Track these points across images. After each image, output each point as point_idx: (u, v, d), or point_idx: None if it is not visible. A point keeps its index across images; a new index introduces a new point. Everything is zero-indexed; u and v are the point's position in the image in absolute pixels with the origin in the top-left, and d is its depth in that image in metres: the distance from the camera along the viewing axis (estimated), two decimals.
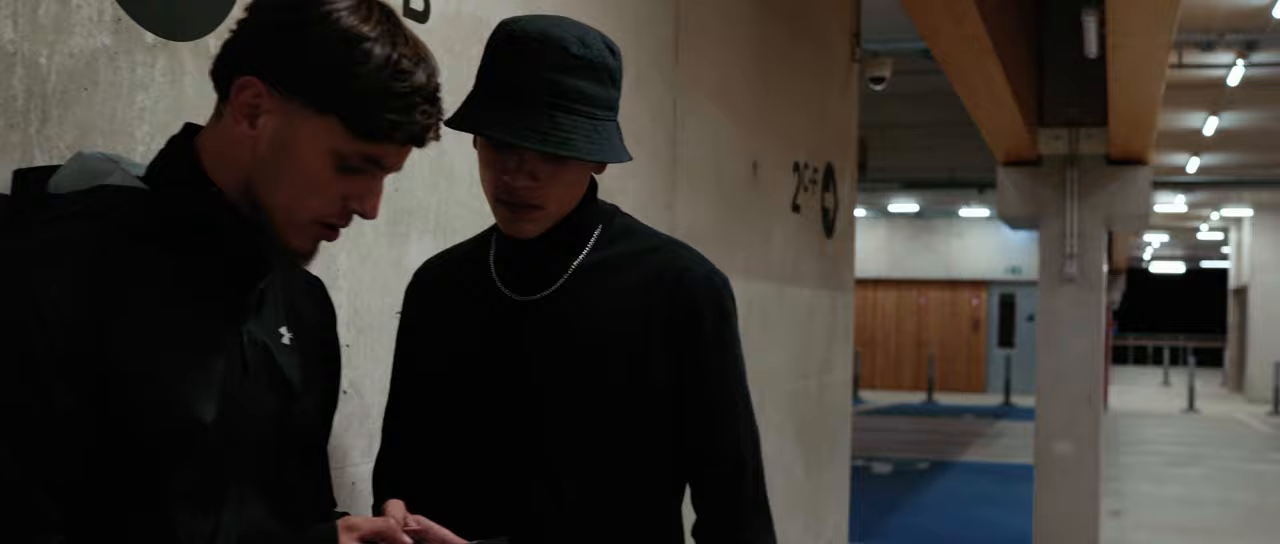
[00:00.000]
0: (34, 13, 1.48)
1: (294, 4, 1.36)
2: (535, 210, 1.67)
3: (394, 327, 2.22)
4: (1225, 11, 10.23)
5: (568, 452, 1.72)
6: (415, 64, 1.38)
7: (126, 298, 1.30)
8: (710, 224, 3.90)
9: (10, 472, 1.21)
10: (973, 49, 5.29)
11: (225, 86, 1.37)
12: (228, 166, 1.38)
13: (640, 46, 3.30)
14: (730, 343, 1.80)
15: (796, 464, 5.08)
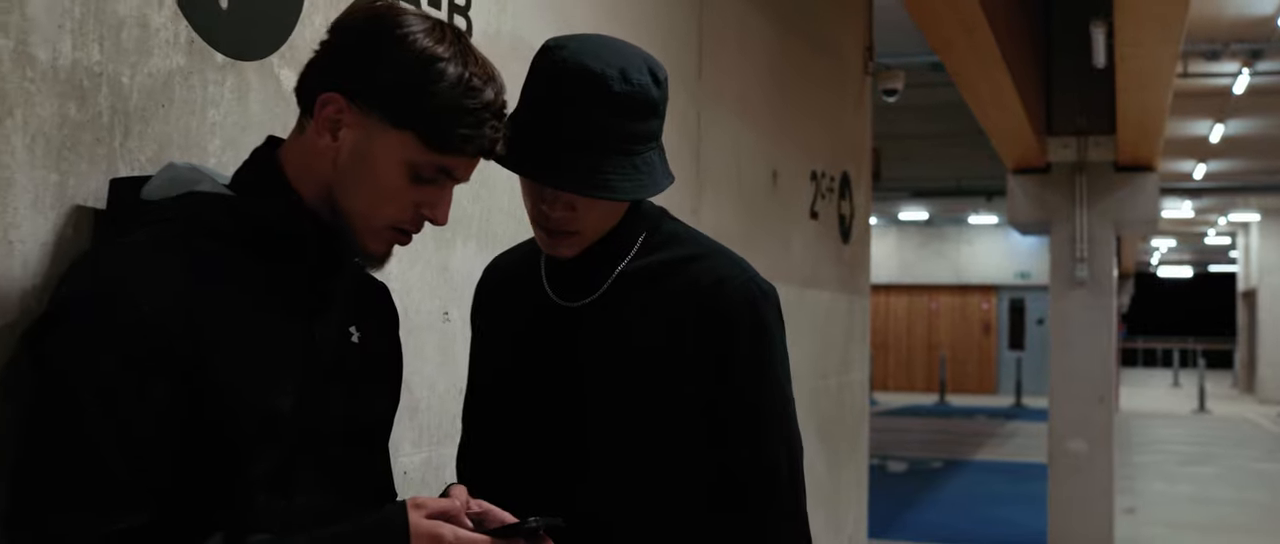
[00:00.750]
0: (118, 36, 1.58)
1: (373, 26, 1.47)
2: (572, 236, 1.72)
3: (441, 327, 2.33)
4: (1229, 21, 10.31)
5: (608, 452, 1.78)
6: (485, 82, 1.48)
7: (215, 296, 1.40)
8: (733, 230, 3.99)
9: (107, 453, 1.31)
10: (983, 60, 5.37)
11: (309, 102, 1.48)
12: (309, 176, 1.48)
13: (665, 62, 3.38)
14: (767, 350, 1.80)
15: (818, 461, 5.17)
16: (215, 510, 1.39)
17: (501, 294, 1.91)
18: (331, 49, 1.48)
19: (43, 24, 1.47)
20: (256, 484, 1.42)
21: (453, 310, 2.38)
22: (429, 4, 2.30)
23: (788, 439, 1.83)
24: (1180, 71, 12.14)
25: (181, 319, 1.36)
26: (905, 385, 27.80)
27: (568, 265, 1.79)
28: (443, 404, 2.35)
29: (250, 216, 1.46)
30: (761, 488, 1.80)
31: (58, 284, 1.43)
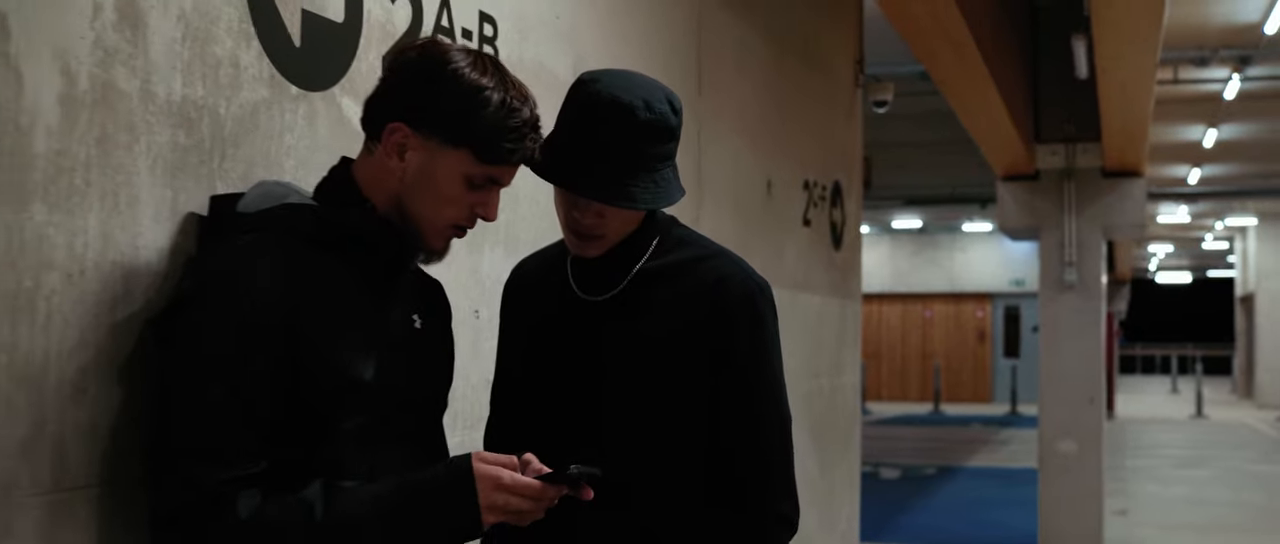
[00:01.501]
0: (216, 74, 1.89)
1: (427, 63, 1.77)
2: (599, 239, 2.02)
3: (473, 323, 2.63)
4: (1217, 28, 10.59)
5: (623, 423, 2.06)
6: (522, 103, 1.79)
7: (307, 287, 1.70)
8: (730, 237, 4.29)
9: (230, 412, 1.61)
10: (969, 71, 5.64)
11: (376, 130, 1.78)
12: (380, 189, 1.79)
13: (669, 82, 3.68)
14: (763, 339, 2.06)
15: (810, 460, 5.45)
16: (314, 461, 1.69)
17: (530, 291, 2.20)
18: (391, 85, 1.79)
19: (161, 66, 1.77)
20: (345, 440, 1.72)
21: (482, 309, 2.69)
22: (463, 36, 2.60)
23: (780, 415, 2.12)
24: (1170, 77, 12.42)
25: (282, 306, 1.66)
26: (899, 395, 27.85)
27: (591, 264, 2.09)
28: (475, 393, 2.64)
29: (334, 223, 1.77)
30: (757, 456, 2.08)
31: (179, 279, 1.74)
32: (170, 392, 1.62)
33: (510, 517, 1.72)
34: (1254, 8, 9.93)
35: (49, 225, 1.60)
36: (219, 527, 1.59)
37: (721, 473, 2.08)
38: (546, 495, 1.73)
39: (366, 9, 2.26)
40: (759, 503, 2.09)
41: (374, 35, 2.28)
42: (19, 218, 1.55)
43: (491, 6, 2.72)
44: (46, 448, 1.59)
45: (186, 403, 1.61)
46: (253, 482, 1.62)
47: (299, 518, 1.63)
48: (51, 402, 1.60)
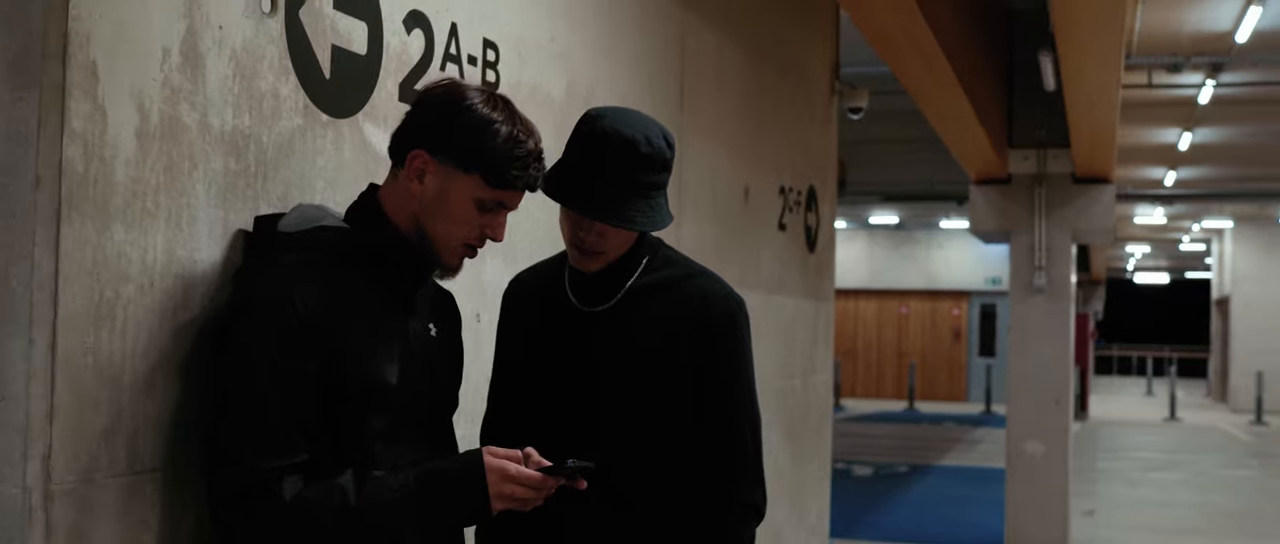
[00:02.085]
0: (260, 106, 2.15)
1: (447, 99, 2.03)
2: (600, 256, 2.32)
3: (475, 327, 2.89)
4: (1190, 36, 10.89)
5: (615, 422, 2.35)
6: (527, 135, 2.06)
7: (341, 303, 1.96)
8: (708, 241, 4.56)
9: (279, 412, 1.87)
10: (939, 82, 5.90)
11: (401, 157, 2.04)
12: (402, 210, 2.05)
13: (653, 96, 3.98)
14: (737, 349, 2.39)
15: (783, 456, 5.72)
16: (347, 454, 1.96)
17: (529, 300, 2.48)
18: (415, 118, 2.05)
19: (216, 101, 2.03)
20: (374, 436, 1.99)
21: (483, 314, 2.95)
22: (469, 62, 2.86)
23: (751, 416, 2.43)
24: (1145, 82, 12.71)
25: (320, 321, 1.92)
26: (874, 392, 27.93)
27: (587, 279, 2.37)
28: (477, 392, 2.88)
29: (364, 245, 2.03)
30: (731, 453, 2.39)
31: (232, 292, 2.00)
32: (226, 391, 1.89)
33: (515, 504, 1.99)
34: (1225, 17, 10.23)
35: (126, 243, 1.85)
36: (267, 505, 1.86)
37: (700, 466, 2.38)
38: (547, 485, 2.00)
39: (386, 41, 2.52)
40: (731, 493, 2.38)
41: (392, 65, 2.54)
42: (102, 237, 1.81)
43: (494, 34, 2.97)
44: (122, 437, 1.85)
45: (241, 401, 1.87)
46: (296, 469, 1.89)
47: (334, 500, 1.89)
48: (127, 397, 1.86)
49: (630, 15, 3.83)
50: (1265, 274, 26.65)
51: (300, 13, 2.24)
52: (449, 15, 2.75)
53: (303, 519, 1.88)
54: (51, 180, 1.74)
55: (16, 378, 1.73)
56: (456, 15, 2.77)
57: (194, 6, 1.99)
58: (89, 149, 1.79)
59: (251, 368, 1.88)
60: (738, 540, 2.39)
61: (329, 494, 1.90)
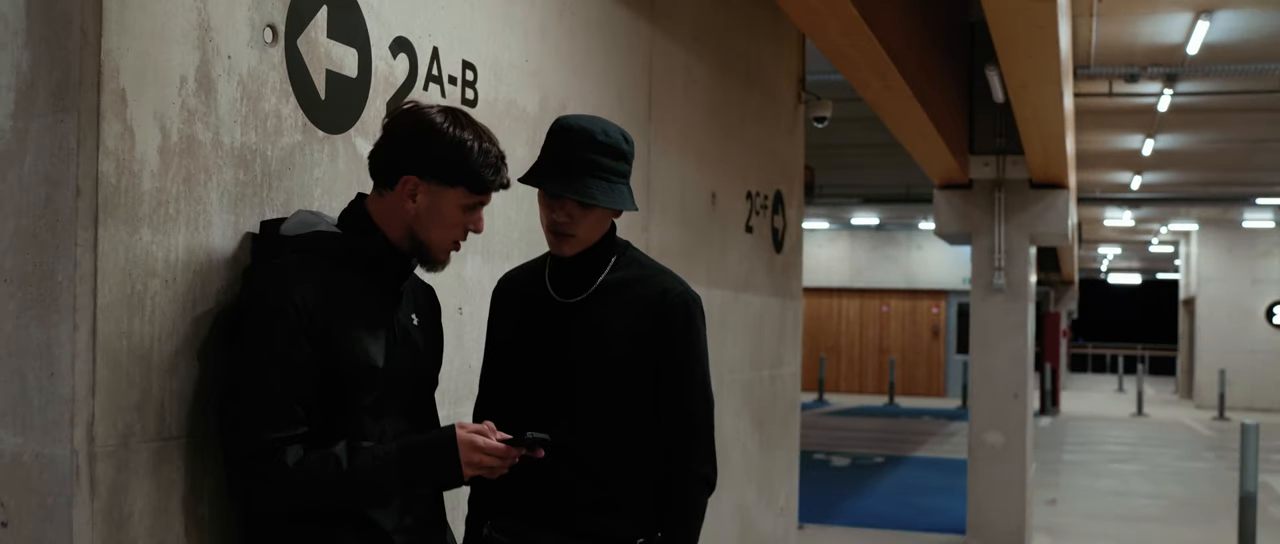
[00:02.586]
0: (265, 124, 2.46)
1: (419, 128, 2.33)
2: (571, 237, 2.65)
3: (457, 318, 3.21)
4: (1145, 48, 11.26)
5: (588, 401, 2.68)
6: (491, 143, 2.38)
7: (336, 298, 2.28)
8: (677, 243, 4.88)
9: (282, 391, 2.19)
10: (897, 97, 6.21)
11: (391, 180, 2.34)
12: (394, 222, 2.36)
13: (622, 109, 4.30)
14: (693, 340, 2.72)
15: (752, 442, 6.06)
16: (339, 428, 2.27)
17: (515, 293, 2.82)
18: (391, 142, 2.35)
19: (227, 120, 2.34)
20: (363, 412, 2.31)
21: (464, 307, 3.26)
22: (449, 82, 3.17)
23: (704, 398, 2.77)
24: (1105, 91, 13.11)
25: (318, 314, 2.24)
26: (856, 388, 28.52)
27: (565, 274, 2.71)
28: (458, 376, 3.22)
29: (355, 247, 2.35)
30: (686, 430, 2.73)
31: (242, 288, 2.31)
32: (239, 374, 2.21)
33: (483, 471, 2.32)
34: (1176, 30, 10.61)
35: (152, 244, 2.17)
36: (273, 470, 2.18)
37: (659, 440, 2.72)
38: (510, 455, 2.33)
39: (374, 65, 2.83)
40: (686, 464, 2.72)
41: (380, 86, 2.86)
42: (132, 239, 2.12)
43: (471, 56, 3.29)
44: (152, 408, 2.17)
45: (251, 383, 2.19)
46: (297, 439, 2.21)
47: (330, 467, 2.21)
48: (155, 375, 2.17)
49: (600, 35, 4.15)
50: (1228, 276, 27.17)
51: (298, 42, 2.55)
52: (431, 40, 3.06)
53: (303, 481, 2.20)
54: (89, 190, 2.05)
55: (63, 357, 2.04)
56: (438, 40, 3.09)
57: (206, 39, 2.30)
58: (120, 163, 2.10)
59: (259, 355, 2.19)
60: (693, 507, 2.72)
61: (325, 461, 2.22)
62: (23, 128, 2.07)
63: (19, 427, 2.07)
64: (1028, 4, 4.54)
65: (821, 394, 26.26)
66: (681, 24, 4.91)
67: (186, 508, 2.27)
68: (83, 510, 2.05)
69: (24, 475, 2.07)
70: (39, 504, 2.06)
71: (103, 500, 2.08)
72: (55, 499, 2.05)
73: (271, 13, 2.47)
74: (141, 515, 2.16)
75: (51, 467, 2.05)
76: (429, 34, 3.06)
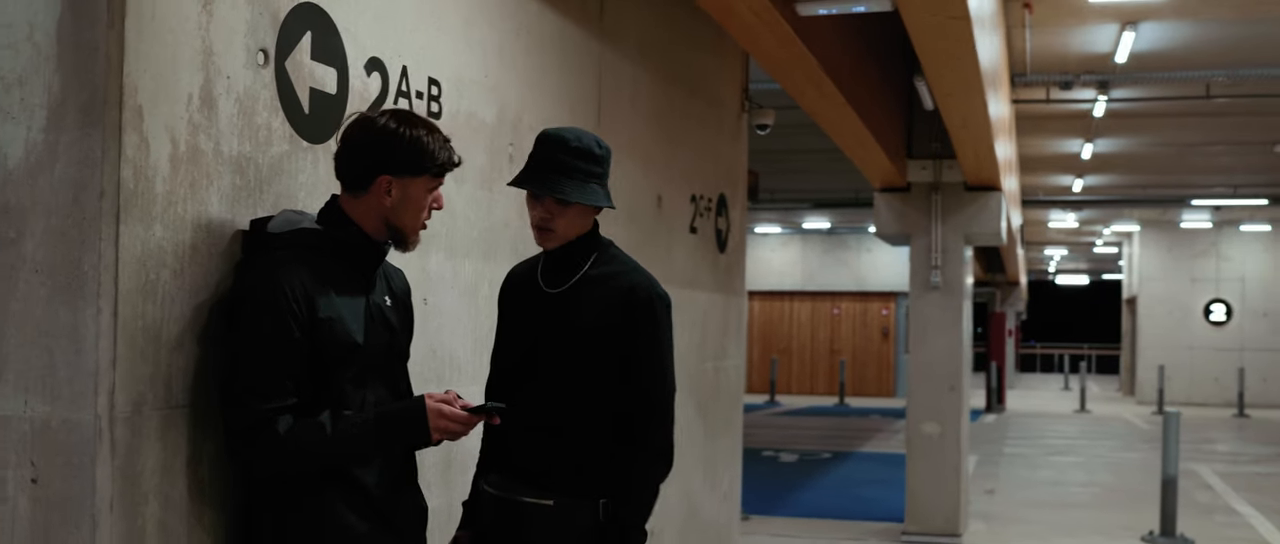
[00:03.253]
0: (257, 135, 2.81)
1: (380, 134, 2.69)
2: (551, 232, 3.05)
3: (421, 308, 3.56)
4: (1077, 56, 11.76)
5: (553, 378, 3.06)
6: (435, 130, 2.75)
7: (319, 283, 2.64)
8: (625, 243, 5.21)
9: (274, 369, 2.54)
10: (832, 105, 6.61)
11: (366, 182, 2.70)
12: (371, 215, 2.72)
13: (574, 119, 4.67)
14: (655, 331, 3.06)
15: (697, 429, 6.44)
16: (325, 398, 2.64)
17: (516, 285, 3.23)
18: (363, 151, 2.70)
19: (226, 133, 2.70)
20: (346, 383, 2.68)
21: (429, 298, 3.62)
22: (417, 96, 3.52)
23: (666, 384, 3.12)
24: (1043, 97, 13.63)
25: (304, 300, 2.60)
26: (808, 389, 28.97)
27: (553, 267, 3.11)
28: (423, 360, 3.57)
29: (335, 240, 2.71)
30: (644, 409, 3.08)
31: (236, 280, 2.66)
32: (236, 354, 2.56)
33: (448, 435, 2.71)
34: (1105, 40, 11.12)
35: (164, 239, 2.52)
36: (267, 437, 2.54)
37: (625, 419, 3.08)
38: (472, 421, 2.71)
39: (351, 83, 3.19)
40: (648, 440, 3.09)
41: (356, 102, 3.21)
42: (147, 235, 2.47)
43: (436, 73, 3.65)
44: (161, 380, 2.52)
45: (247, 363, 2.55)
46: (287, 410, 2.57)
47: (316, 433, 2.58)
48: (164, 351, 2.52)
49: (553, 51, 4.52)
50: (1167, 275, 27.88)
51: (286, 63, 2.91)
52: (401, 60, 3.42)
53: (293, 447, 2.56)
54: (112, 193, 2.40)
55: (88, 336, 2.39)
56: (406, 59, 3.45)
57: (209, 62, 2.65)
58: (137, 170, 2.45)
59: (254, 339, 2.56)
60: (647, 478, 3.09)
61: (311, 428, 2.58)
62: (53, 140, 2.42)
63: (48, 396, 2.41)
64: (944, 22, 4.95)
65: (773, 396, 26.71)
66: (628, 40, 5.29)
67: (190, 468, 2.62)
68: (104, 467, 2.40)
69: (52, 438, 2.41)
70: (66, 463, 2.40)
71: (121, 459, 2.43)
72: (80, 458, 2.39)
73: (264, 38, 2.83)
74: (151, 473, 2.51)
75: (77, 430, 2.39)
76: (399, 54, 3.41)
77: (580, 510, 3.04)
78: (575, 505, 3.04)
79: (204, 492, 2.67)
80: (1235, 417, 24.13)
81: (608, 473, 3.06)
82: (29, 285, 2.43)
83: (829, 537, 10.02)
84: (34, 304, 2.42)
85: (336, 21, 3.11)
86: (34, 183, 2.43)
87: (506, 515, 3.06)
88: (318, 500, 2.64)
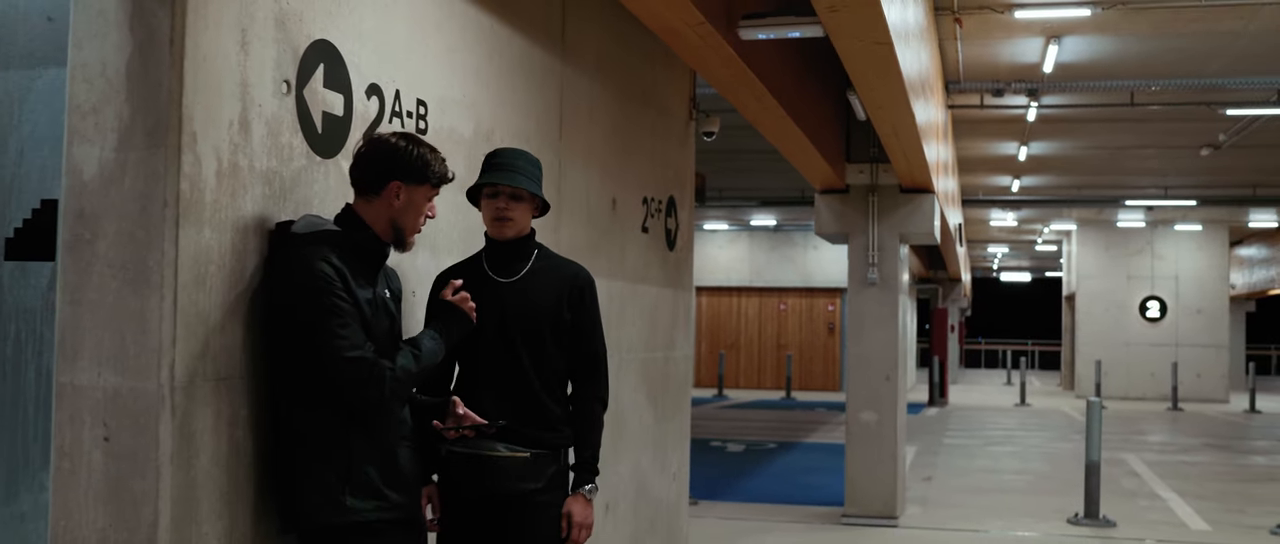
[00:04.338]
0: (281, 153, 3.35)
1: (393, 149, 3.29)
2: (509, 222, 3.75)
3: (410, 301, 4.12)
4: (1007, 66, 12.47)
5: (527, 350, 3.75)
6: (436, 151, 3.36)
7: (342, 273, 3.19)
8: (583, 242, 5.81)
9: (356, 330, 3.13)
10: (775, 118, 7.20)
11: (378, 188, 3.27)
12: (381, 218, 3.30)
13: (538, 131, 5.23)
14: (594, 307, 3.93)
15: (647, 414, 7.01)
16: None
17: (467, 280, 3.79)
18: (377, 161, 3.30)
19: (258, 151, 3.24)
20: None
21: (416, 291, 4.17)
22: (408, 115, 4.07)
23: (603, 345, 3.93)
24: (977, 103, 14.34)
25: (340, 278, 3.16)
26: (755, 383, 29.65)
27: (499, 260, 3.79)
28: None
29: (352, 241, 3.27)
30: (588, 365, 3.90)
31: (264, 273, 3.21)
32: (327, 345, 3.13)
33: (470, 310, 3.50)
34: (1032, 51, 11.82)
35: (211, 240, 3.06)
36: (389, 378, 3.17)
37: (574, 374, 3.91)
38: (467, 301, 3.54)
39: (355, 106, 3.74)
40: (591, 390, 3.93)
41: (358, 122, 3.76)
42: (199, 236, 3.02)
43: (423, 94, 4.20)
44: (210, 357, 3.06)
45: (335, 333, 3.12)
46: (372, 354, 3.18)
47: (411, 360, 3.27)
48: (211, 333, 3.06)
49: (521, 72, 5.08)
50: (1104, 272, 28.78)
51: (304, 91, 3.46)
52: (394, 84, 3.97)
53: (405, 376, 3.24)
54: (173, 202, 2.94)
55: (153, 320, 2.93)
56: (399, 84, 4.00)
57: (245, 93, 3.20)
58: (192, 184, 3.00)
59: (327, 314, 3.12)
60: (596, 419, 3.93)
61: (407, 358, 3.26)
62: (123, 158, 2.95)
63: (118, 370, 2.95)
64: (870, 46, 5.55)
65: (721, 389, 27.34)
66: (587, 58, 5.86)
67: (229, 429, 3.17)
68: (166, 427, 2.94)
69: (122, 404, 2.94)
70: (133, 423, 2.94)
71: (178, 421, 2.97)
72: (146, 419, 2.93)
73: (287, 70, 3.37)
74: (201, 432, 3.06)
75: (143, 397, 2.93)
76: (393, 79, 3.97)
77: (549, 459, 3.79)
78: (547, 455, 3.78)
79: (239, 449, 3.21)
80: (1169, 410, 25.03)
81: (568, 425, 3.86)
82: (102, 278, 2.96)
83: (773, 520, 10.61)
84: (106, 293, 2.96)
85: (344, 54, 3.66)
86: (107, 193, 2.96)
87: (478, 470, 3.71)
88: (345, 452, 3.21)
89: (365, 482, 3.23)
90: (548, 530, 3.81)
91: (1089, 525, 10.41)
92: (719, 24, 5.46)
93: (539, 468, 3.75)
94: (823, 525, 10.38)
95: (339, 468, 3.20)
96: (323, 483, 3.19)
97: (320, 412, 3.20)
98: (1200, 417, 23.71)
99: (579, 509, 3.84)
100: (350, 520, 3.20)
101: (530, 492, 3.75)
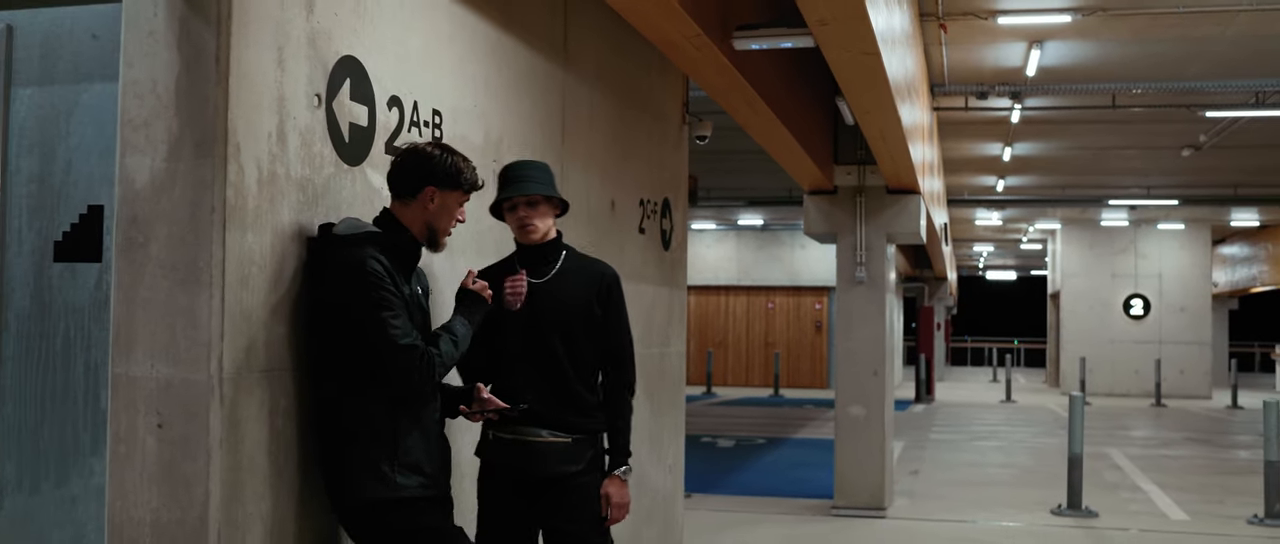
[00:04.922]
0: (313, 162, 3.62)
1: (429, 157, 3.56)
2: (534, 226, 4.07)
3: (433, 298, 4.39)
4: (991, 70, 12.77)
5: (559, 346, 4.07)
6: (467, 161, 3.64)
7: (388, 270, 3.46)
8: (584, 242, 6.07)
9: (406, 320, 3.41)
10: (766, 122, 7.48)
11: (414, 192, 3.55)
12: (417, 220, 3.58)
13: (543, 137, 5.50)
14: (622, 302, 4.27)
15: (644, 408, 7.27)
16: None
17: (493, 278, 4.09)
18: (412, 168, 3.58)
19: (293, 161, 3.51)
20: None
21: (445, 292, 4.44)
22: (425, 124, 4.34)
23: (630, 337, 4.27)
24: (962, 105, 14.64)
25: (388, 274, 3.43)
26: (743, 381, 29.93)
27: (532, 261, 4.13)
28: None
29: (391, 241, 3.54)
30: (618, 358, 4.22)
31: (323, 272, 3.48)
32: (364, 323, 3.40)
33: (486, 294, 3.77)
34: (1015, 55, 12.12)
35: (254, 243, 3.33)
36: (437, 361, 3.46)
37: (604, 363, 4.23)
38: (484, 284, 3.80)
39: (378, 117, 4.00)
40: (621, 378, 4.26)
41: (381, 132, 4.02)
42: (243, 239, 3.28)
43: (438, 105, 4.46)
44: (255, 351, 3.32)
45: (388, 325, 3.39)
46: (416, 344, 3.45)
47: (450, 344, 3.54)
48: (256, 328, 3.33)
49: (526, 82, 5.35)
50: (1088, 270, 29.13)
51: (333, 104, 3.72)
52: (413, 96, 4.24)
53: (447, 360, 3.51)
54: (220, 208, 3.21)
55: (202, 316, 3.19)
56: (417, 95, 4.27)
57: (282, 107, 3.46)
58: (236, 191, 3.26)
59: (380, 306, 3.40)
60: (627, 406, 4.27)
61: (445, 343, 3.54)
62: (173, 168, 3.22)
63: (171, 362, 3.21)
64: (858, 57, 5.83)
65: (710, 387, 27.62)
66: (587, 67, 6.13)
67: (269, 417, 3.43)
68: (216, 415, 3.20)
69: (174, 394, 3.21)
70: (185, 411, 3.20)
71: (227, 409, 3.23)
72: (197, 407, 3.19)
73: (318, 85, 3.64)
74: (246, 419, 3.32)
75: (193, 387, 3.19)
76: (411, 92, 4.23)
77: (587, 443, 4.15)
78: (585, 440, 4.14)
79: (280, 435, 3.47)
80: (1153, 406, 25.39)
81: (601, 411, 4.21)
82: (154, 278, 3.23)
83: (764, 511, 10.89)
84: (158, 292, 3.22)
85: (368, 69, 3.93)
86: (158, 200, 3.23)
87: (523, 453, 4.06)
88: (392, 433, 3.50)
89: (411, 461, 3.52)
90: (589, 509, 4.15)
91: (1072, 516, 10.70)
92: (715, 35, 5.73)
93: (578, 451, 4.11)
94: (813, 516, 10.65)
95: (387, 448, 3.49)
96: (373, 462, 3.47)
97: (369, 396, 3.47)
98: (1183, 412, 24.07)
99: (616, 490, 4.19)
100: (399, 496, 3.48)
101: (571, 474, 4.10)
